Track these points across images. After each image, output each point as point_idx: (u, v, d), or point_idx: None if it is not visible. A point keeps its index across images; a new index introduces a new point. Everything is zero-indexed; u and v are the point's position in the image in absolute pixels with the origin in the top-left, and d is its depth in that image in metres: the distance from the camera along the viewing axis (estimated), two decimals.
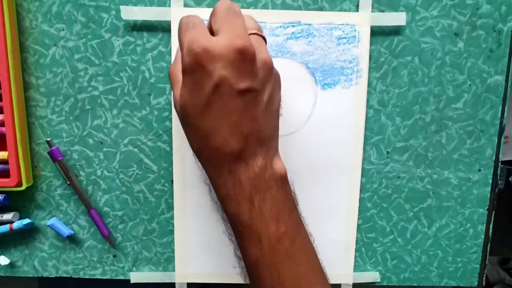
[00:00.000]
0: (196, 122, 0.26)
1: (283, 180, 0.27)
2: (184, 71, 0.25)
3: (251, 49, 0.24)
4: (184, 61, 0.24)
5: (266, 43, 0.28)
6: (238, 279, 0.39)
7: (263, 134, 0.27)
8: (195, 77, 0.24)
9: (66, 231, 0.38)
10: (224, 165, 0.26)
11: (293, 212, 0.28)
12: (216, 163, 0.27)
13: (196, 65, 0.24)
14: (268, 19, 0.35)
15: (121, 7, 0.34)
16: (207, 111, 0.25)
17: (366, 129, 0.37)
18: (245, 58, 0.24)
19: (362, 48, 0.36)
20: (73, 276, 0.40)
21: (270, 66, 0.26)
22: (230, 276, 0.39)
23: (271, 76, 0.27)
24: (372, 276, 0.40)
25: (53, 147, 0.36)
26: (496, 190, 0.39)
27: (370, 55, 0.36)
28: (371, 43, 0.36)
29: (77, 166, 0.38)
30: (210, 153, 0.26)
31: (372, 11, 0.35)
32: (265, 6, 0.35)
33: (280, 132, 0.37)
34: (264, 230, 0.26)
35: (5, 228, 0.37)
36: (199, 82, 0.24)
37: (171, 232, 0.39)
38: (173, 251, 0.39)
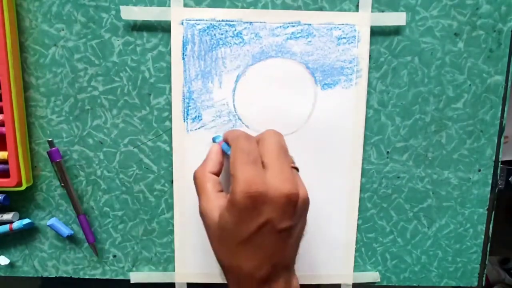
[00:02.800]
0: (235, 248, 0.28)
1: None
2: (234, 204, 0.27)
3: (296, 195, 0.27)
4: (237, 197, 0.26)
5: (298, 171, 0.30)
6: None
7: (289, 261, 0.30)
8: (244, 214, 0.27)
9: (66, 231, 0.38)
10: (251, 282, 0.28)
11: None
12: (244, 283, 0.29)
13: (248, 206, 0.26)
14: (268, 19, 0.35)
15: (121, 7, 0.34)
16: (248, 243, 0.27)
17: (366, 129, 0.37)
18: (290, 202, 0.27)
19: (362, 48, 0.36)
20: (73, 276, 0.40)
21: (308, 203, 0.29)
22: None
23: (306, 211, 0.29)
24: (372, 276, 0.40)
25: (53, 148, 0.36)
26: (496, 190, 0.39)
27: (370, 55, 0.36)
28: (371, 43, 0.36)
29: (77, 166, 0.38)
30: (240, 274, 0.28)
31: (372, 11, 0.35)
32: (265, 6, 0.35)
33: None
34: None
35: (5, 228, 0.37)
36: (247, 218, 0.27)
37: (171, 232, 0.39)
38: (173, 251, 0.39)
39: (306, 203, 0.29)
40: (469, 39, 0.36)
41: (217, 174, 0.31)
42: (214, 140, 0.35)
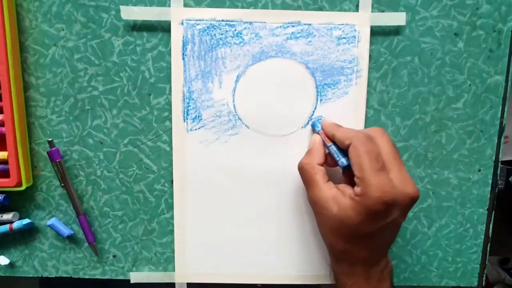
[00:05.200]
0: (353, 239, 0.31)
1: (392, 272, 0.34)
2: (365, 206, 0.28)
3: (418, 195, 0.30)
4: (371, 202, 0.28)
5: None
6: (238, 279, 0.39)
7: (392, 244, 0.34)
8: (374, 215, 0.29)
9: (66, 231, 0.38)
10: (362, 267, 0.32)
11: None
12: (355, 264, 0.32)
13: (382, 210, 0.28)
14: (268, 19, 0.35)
15: (121, 7, 0.34)
16: (370, 236, 0.30)
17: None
18: (413, 202, 0.30)
19: (362, 48, 0.36)
20: (73, 276, 0.40)
21: (417, 199, 0.30)
22: (230, 276, 0.39)
23: None
24: None
25: (53, 148, 0.36)
26: (496, 190, 0.39)
27: (370, 55, 0.36)
28: (371, 43, 0.36)
29: (77, 166, 0.38)
30: (353, 258, 0.32)
31: (372, 11, 0.35)
32: (265, 6, 0.35)
33: (280, 132, 0.37)
34: None
35: (5, 228, 0.37)
36: (376, 219, 0.29)
37: (171, 232, 0.39)
38: (173, 251, 0.39)
39: (416, 200, 0.31)
40: (469, 39, 0.36)
41: (322, 165, 0.33)
42: (313, 126, 0.35)
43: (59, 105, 0.37)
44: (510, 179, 0.42)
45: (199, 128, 0.36)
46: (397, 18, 0.35)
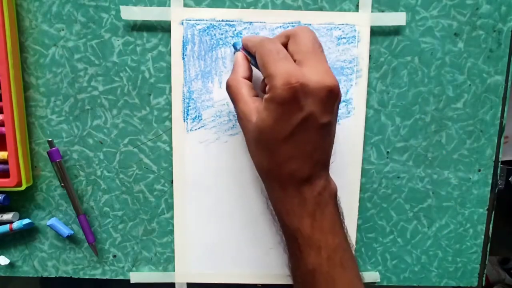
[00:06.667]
0: (274, 148, 0.28)
1: (336, 196, 0.31)
2: (273, 100, 0.26)
3: (337, 88, 0.27)
4: (277, 91, 0.26)
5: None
6: (238, 279, 0.39)
7: (327, 158, 0.30)
8: (285, 108, 0.26)
9: (66, 231, 0.38)
10: (293, 186, 0.29)
11: (343, 224, 0.31)
12: (284, 184, 0.29)
13: (290, 98, 0.26)
14: (268, 19, 0.35)
15: (121, 7, 0.34)
16: (289, 140, 0.27)
17: (366, 129, 0.37)
18: (331, 96, 0.27)
19: (362, 48, 0.36)
20: (73, 276, 0.40)
21: (341, 98, 0.29)
22: (230, 276, 0.39)
23: (338, 106, 0.29)
24: (372, 276, 0.40)
25: (53, 148, 0.36)
26: (496, 190, 0.39)
27: (370, 55, 0.36)
28: (371, 43, 0.36)
29: (77, 166, 0.38)
30: (281, 176, 0.29)
31: (372, 11, 0.35)
32: (265, 6, 0.35)
33: None
34: (323, 242, 0.29)
35: (5, 228, 0.37)
36: (289, 113, 0.26)
37: (171, 232, 0.39)
38: (173, 251, 0.39)
39: (340, 99, 0.29)
40: (469, 39, 0.36)
41: (249, 79, 0.31)
42: (235, 46, 0.34)
43: (59, 105, 0.37)
44: (510, 179, 0.42)
45: (199, 128, 0.36)
46: (397, 18, 0.35)
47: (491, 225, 0.40)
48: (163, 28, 0.35)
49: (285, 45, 0.29)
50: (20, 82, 0.36)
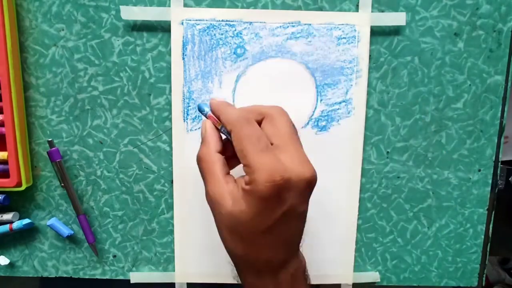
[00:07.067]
0: (251, 238, 0.27)
1: (306, 270, 0.31)
2: (254, 194, 0.25)
3: (315, 178, 0.27)
4: (260, 187, 0.25)
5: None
6: (238, 279, 0.39)
7: (299, 240, 0.29)
8: (267, 203, 0.25)
9: (66, 231, 0.38)
10: (268, 273, 0.28)
11: None
12: (260, 271, 0.28)
13: (273, 195, 0.25)
14: (268, 19, 0.35)
15: (121, 7, 0.34)
16: (268, 231, 0.26)
17: (366, 129, 0.37)
18: (310, 186, 0.27)
19: (362, 48, 0.36)
20: (73, 276, 0.40)
21: (314, 182, 0.27)
22: (230, 276, 0.39)
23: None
24: (372, 276, 0.40)
25: (53, 148, 0.36)
26: (496, 190, 0.39)
27: (370, 55, 0.36)
28: (371, 43, 0.36)
29: (77, 166, 0.38)
30: (257, 263, 0.28)
31: (372, 11, 0.35)
32: (265, 6, 0.35)
33: None
34: None
35: (5, 228, 0.37)
36: (271, 208, 0.25)
37: (171, 232, 0.39)
38: (173, 251, 0.39)
39: (314, 185, 0.28)
40: (469, 39, 0.36)
41: (222, 152, 0.29)
42: (201, 110, 0.31)
43: (59, 105, 0.37)
44: (510, 179, 0.42)
45: (199, 128, 0.36)
46: (397, 18, 0.35)
47: (491, 225, 0.40)
48: (163, 28, 0.35)
49: (259, 123, 0.28)
50: (20, 82, 0.36)
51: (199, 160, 0.29)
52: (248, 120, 0.27)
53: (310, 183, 0.26)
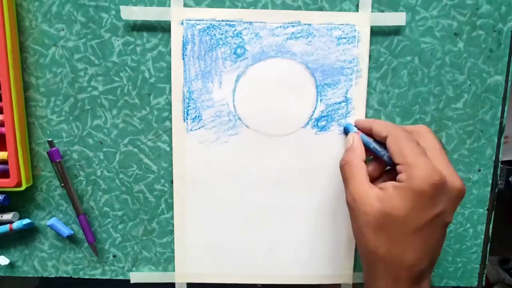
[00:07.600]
0: (401, 237, 0.27)
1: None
2: (411, 190, 0.26)
3: (465, 192, 0.28)
4: (419, 183, 0.26)
5: None
6: (238, 279, 0.39)
7: (438, 255, 0.30)
8: (423, 201, 0.26)
9: (66, 231, 0.38)
10: (406, 279, 0.28)
11: None
12: (398, 276, 0.28)
13: (430, 193, 0.26)
14: (268, 19, 0.35)
15: (121, 7, 0.34)
16: (419, 232, 0.27)
17: None
18: (459, 197, 0.28)
19: (362, 48, 0.36)
20: (73, 276, 0.40)
21: (463, 194, 0.29)
22: (230, 276, 0.39)
23: None
24: None
25: (53, 148, 0.36)
26: (496, 190, 0.39)
27: (370, 55, 0.36)
28: (371, 43, 0.36)
29: (77, 166, 0.38)
30: (399, 266, 0.28)
31: (372, 11, 0.35)
32: (265, 6, 0.35)
33: (280, 132, 0.37)
34: None
35: (5, 228, 0.37)
36: (425, 206, 0.26)
37: (171, 232, 0.39)
38: (173, 251, 0.39)
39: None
40: (469, 39, 0.36)
41: (365, 162, 0.31)
42: (348, 129, 0.35)
43: (59, 105, 0.37)
44: (510, 179, 0.42)
45: (199, 128, 0.36)
46: (397, 18, 0.35)
47: (491, 225, 0.40)
48: (163, 28, 0.35)
49: None
50: (20, 82, 0.36)
51: (344, 163, 0.31)
52: (403, 127, 0.29)
53: (460, 193, 0.28)
